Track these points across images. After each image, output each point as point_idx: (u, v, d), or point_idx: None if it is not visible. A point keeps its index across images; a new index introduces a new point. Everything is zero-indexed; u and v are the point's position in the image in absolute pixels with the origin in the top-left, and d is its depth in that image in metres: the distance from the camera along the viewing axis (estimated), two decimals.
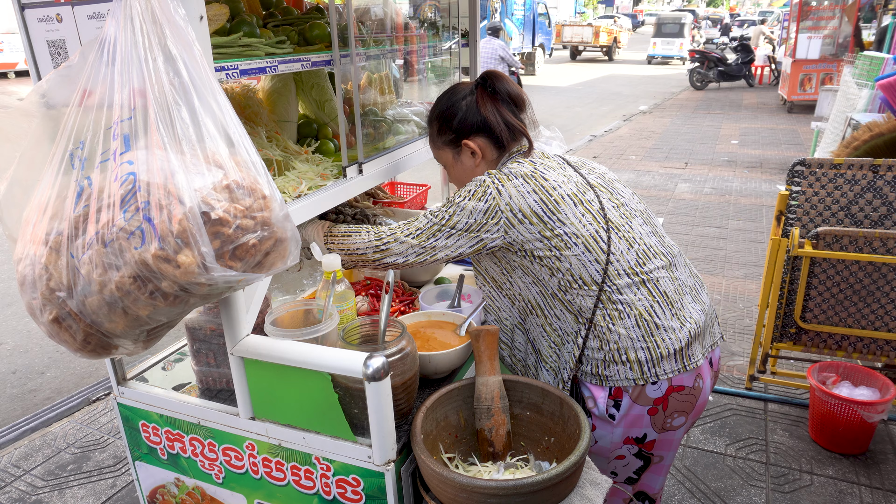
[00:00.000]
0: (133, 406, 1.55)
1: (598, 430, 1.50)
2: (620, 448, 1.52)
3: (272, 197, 1.06)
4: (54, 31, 1.24)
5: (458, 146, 1.63)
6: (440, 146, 1.68)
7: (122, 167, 0.99)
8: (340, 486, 1.34)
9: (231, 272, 1.00)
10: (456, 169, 1.67)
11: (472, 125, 1.59)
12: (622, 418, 1.46)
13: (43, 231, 1.06)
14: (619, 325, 1.43)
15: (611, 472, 1.58)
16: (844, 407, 2.72)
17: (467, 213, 1.46)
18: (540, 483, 1.15)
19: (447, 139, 1.64)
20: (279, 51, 1.49)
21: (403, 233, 1.51)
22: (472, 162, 1.63)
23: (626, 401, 1.45)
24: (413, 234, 1.50)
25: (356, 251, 1.54)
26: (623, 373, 1.43)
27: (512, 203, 1.45)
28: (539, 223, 1.44)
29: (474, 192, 1.48)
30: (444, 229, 1.48)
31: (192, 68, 1.04)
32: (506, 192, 1.45)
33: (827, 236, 2.85)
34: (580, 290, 1.46)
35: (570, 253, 1.45)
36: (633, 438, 1.50)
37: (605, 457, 1.54)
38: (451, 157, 1.66)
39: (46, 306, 1.07)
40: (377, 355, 1.21)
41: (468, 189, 1.49)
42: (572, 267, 1.45)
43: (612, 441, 1.51)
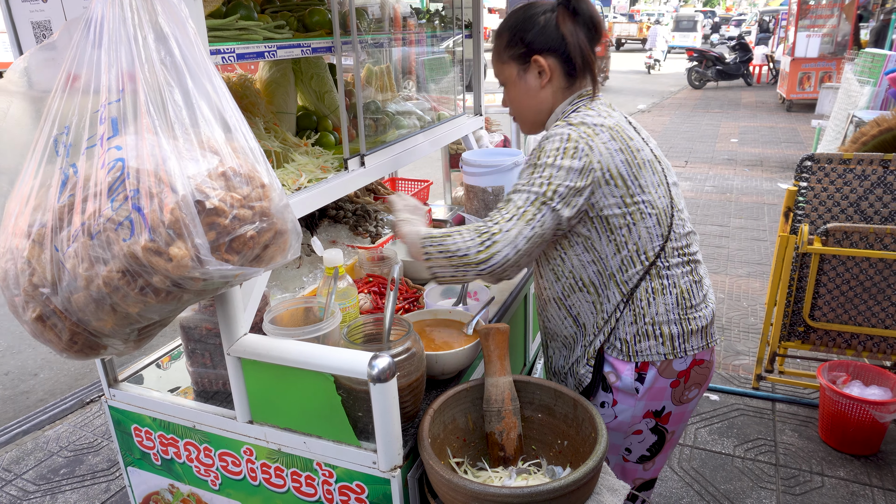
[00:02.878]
0: (125, 409, 1.48)
1: (619, 404, 1.48)
2: (640, 422, 1.51)
3: (271, 186, 0.99)
4: (39, 11, 1.16)
5: (526, 62, 1.47)
6: (506, 59, 1.51)
7: (110, 153, 0.92)
8: (343, 494, 1.27)
9: (227, 266, 0.93)
10: (517, 88, 1.52)
11: (547, 41, 1.44)
12: (646, 391, 1.46)
13: (25, 223, 0.99)
14: (659, 301, 1.43)
15: (625, 448, 1.55)
16: (855, 407, 2.66)
17: (564, 174, 1.32)
18: (556, 490, 1.08)
19: (516, 53, 1.48)
20: (278, 36, 1.42)
21: (504, 218, 1.32)
22: (536, 83, 1.48)
23: (651, 374, 1.45)
24: (516, 215, 1.32)
25: (457, 253, 1.31)
26: (654, 348, 1.43)
27: (602, 161, 1.33)
28: (623, 186, 1.36)
29: (565, 150, 1.33)
30: (550, 199, 1.31)
31: (185, 47, 0.97)
32: (597, 148, 1.33)
33: (836, 233, 2.79)
34: (636, 267, 1.41)
35: (642, 225, 1.39)
36: (653, 412, 1.50)
37: (622, 432, 1.52)
38: (515, 74, 1.50)
39: (29, 304, 1.00)
40: (383, 355, 1.14)
41: (555, 147, 1.34)
42: (640, 240, 1.39)
43: (634, 415, 1.49)
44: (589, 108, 1.44)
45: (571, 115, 1.43)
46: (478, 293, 1.77)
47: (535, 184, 1.33)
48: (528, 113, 1.54)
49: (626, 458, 1.57)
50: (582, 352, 1.50)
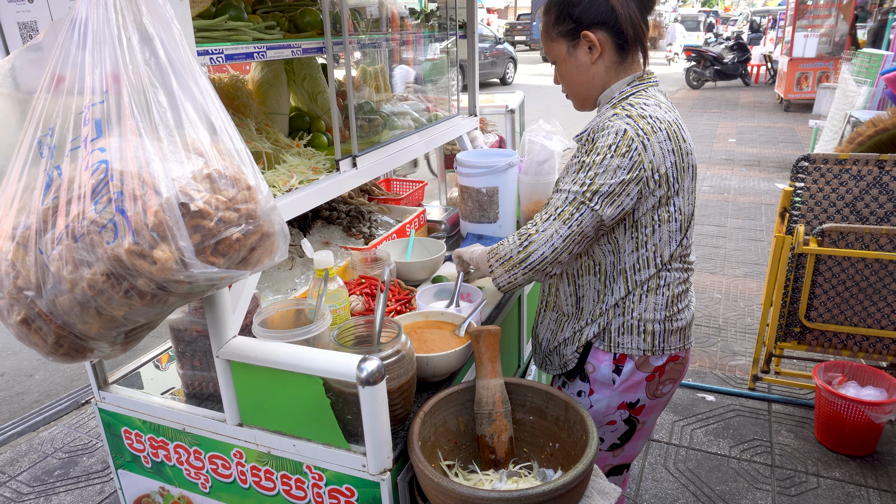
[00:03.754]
0: (115, 411, 1.47)
1: (595, 393, 1.53)
2: (614, 413, 1.54)
3: (258, 188, 0.98)
4: (25, 11, 1.15)
5: (575, 38, 1.42)
6: (555, 37, 1.46)
7: (94, 155, 0.91)
8: (333, 497, 1.26)
9: (213, 269, 0.92)
10: (567, 66, 1.47)
11: (597, 15, 1.39)
12: (622, 383, 1.49)
13: (10, 225, 0.98)
14: (650, 300, 1.45)
15: (598, 437, 1.53)
16: (851, 407, 2.66)
17: (611, 172, 1.30)
18: (546, 493, 1.08)
19: (565, 29, 1.43)
20: (268, 36, 1.41)
21: (542, 218, 1.37)
22: (587, 59, 1.43)
23: (628, 366, 1.48)
24: (553, 215, 1.35)
25: (504, 257, 1.41)
26: (635, 342, 1.46)
27: (654, 162, 1.31)
28: (664, 188, 1.35)
29: (617, 147, 1.30)
30: (588, 199, 1.31)
31: (170, 48, 0.96)
32: (650, 147, 1.30)
33: (832, 233, 2.79)
34: (649, 269, 1.42)
35: (666, 228, 1.39)
36: (627, 403, 1.53)
37: (597, 422, 1.55)
38: (565, 52, 1.45)
39: (14, 307, 0.99)
40: (372, 358, 1.13)
41: (608, 143, 1.31)
42: (660, 242, 1.40)
43: (609, 405, 1.52)
44: (647, 96, 1.40)
45: (630, 98, 1.40)
46: (470, 295, 1.77)
47: (577, 182, 1.34)
48: (580, 90, 1.49)
49: (599, 448, 1.59)
50: (571, 335, 1.53)
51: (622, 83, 1.44)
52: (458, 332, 1.50)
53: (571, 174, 1.37)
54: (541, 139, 2.34)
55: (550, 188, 2.36)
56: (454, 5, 2.42)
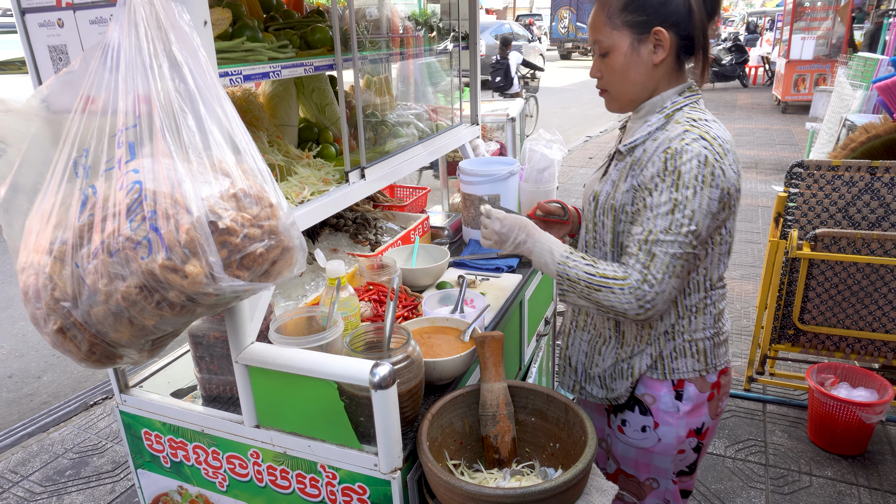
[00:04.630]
0: (135, 414, 1.54)
1: (661, 426, 1.47)
2: (684, 443, 1.48)
3: (279, 205, 1.05)
4: (55, 35, 1.22)
5: (644, 32, 1.29)
6: (618, 24, 1.31)
7: (128, 176, 0.98)
8: (346, 494, 1.33)
9: (238, 282, 0.99)
10: (625, 60, 1.32)
11: (674, 14, 1.27)
12: (687, 409, 1.45)
13: (46, 240, 1.04)
14: (698, 320, 1.42)
15: (674, 472, 1.53)
16: (843, 408, 2.73)
17: (705, 209, 1.24)
18: (547, 491, 1.15)
19: (634, 19, 1.29)
20: (282, 55, 1.48)
21: (656, 278, 1.25)
22: (650, 59, 1.31)
23: (689, 390, 1.45)
24: (668, 273, 1.26)
25: (611, 309, 1.30)
26: (690, 364, 1.44)
27: (730, 186, 1.26)
28: (728, 211, 1.30)
29: (704, 177, 1.22)
30: (695, 248, 1.26)
31: (197, 74, 1.02)
32: (727, 171, 1.24)
33: (825, 238, 2.86)
34: (698, 294, 1.39)
35: (717, 251, 1.36)
36: (694, 430, 1.48)
37: (669, 455, 1.50)
38: (627, 45, 1.31)
39: (51, 316, 1.05)
40: (383, 363, 1.20)
41: (695, 174, 1.22)
42: (711, 265, 1.37)
43: (678, 435, 1.47)
44: (703, 111, 1.32)
45: (686, 111, 1.32)
46: (474, 301, 1.83)
47: (682, 231, 1.24)
48: (630, 90, 1.37)
49: (674, 480, 1.54)
50: (614, 363, 1.48)
51: (673, 92, 1.36)
52: (463, 338, 1.56)
53: (665, 212, 1.25)
54: (541, 148, 2.41)
55: (550, 195, 2.43)
56: (457, 17, 2.48)
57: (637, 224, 1.31)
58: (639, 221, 1.31)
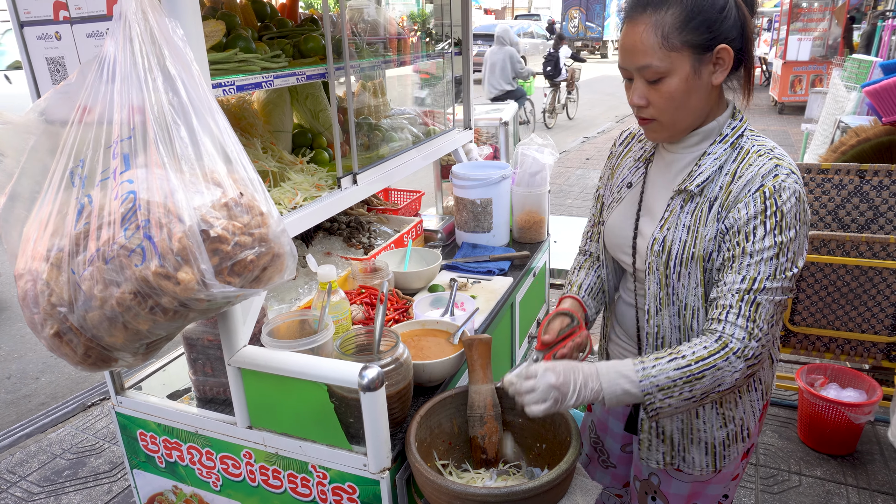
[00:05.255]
0: (131, 415, 1.57)
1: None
2: (738, 467, 1.41)
3: (269, 213, 1.08)
4: (53, 48, 1.25)
5: (706, 52, 1.13)
6: (677, 45, 1.12)
7: (123, 186, 1.01)
8: (336, 494, 1.36)
9: (230, 288, 1.02)
10: (684, 86, 1.15)
11: (732, 29, 1.13)
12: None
13: (44, 247, 1.08)
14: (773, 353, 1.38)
15: (723, 495, 1.44)
16: (832, 409, 2.76)
17: (803, 247, 1.16)
18: (531, 490, 1.18)
19: (696, 39, 1.12)
20: (274, 65, 1.51)
21: (762, 329, 1.13)
22: (709, 82, 1.16)
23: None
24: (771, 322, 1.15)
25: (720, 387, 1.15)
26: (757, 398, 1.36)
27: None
28: None
29: (800, 215, 1.13)
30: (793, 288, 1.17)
31: (190, 88, 1.06)
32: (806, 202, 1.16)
33: (815, 240, 2.90)
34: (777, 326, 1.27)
35: None
36: (746, 451, 1.40)
37: (724, 483, 1.41)
38: (689, 68, 1.13)
39: (47, 321, 1.09)
40: (372, 366, 1.23)
41: (794, 212, 1.12)
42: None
43: (736, 462, 1.39)
44: (764, 137, 1.22)
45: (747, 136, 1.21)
46: (464, 304, 1.87)
47: (788, 275, 1.14)
48: (688, 118, 1.20)
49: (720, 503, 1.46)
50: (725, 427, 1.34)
51: (726, 116, 1.23)
52: (453, 340, 1.60)
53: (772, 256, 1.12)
54: (533, 152, 2.45)
55: (542, 199, 2.47)
56: (450, 23, 2.52)
57: (732, 272, 1.15)
58: (734, 269, 1.15)
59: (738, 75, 1.22)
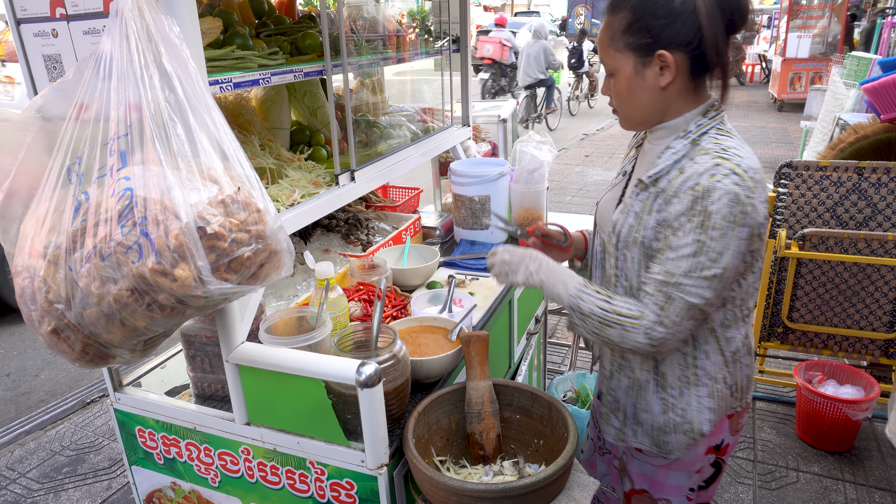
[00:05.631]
0: (129, 412, 1.58)
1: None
2: (702, 460, 1.46)
3: (266, 210, 1.08)
4: (50, 45, 1.25)
5: (648, 55, 1.22)
6: (621, 47, 1.24)
7: (119, 183, 1.01)
8: (334, 490, 1.37)
9: (227, 285, 1.03)
10: (629, 84, 1.26)
11: (679, 35, 1.19)
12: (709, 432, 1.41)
13: (41, 244, 1.08)
14: (744, 362, 1.39)
15: (689, 488, 1.50)
16: (830, 405, 2.77)
17: (733, 251, 1.17)
18: (529, 486, 1.18)
19: (637, 42, 1.22)
20: (272, 62, 1.51)
21: (672, 320, 1.21)
22: (656, 81, 1.24)
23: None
24: (685, 316, 1.22)
25: (620, 343, 1.26)
26: (728, 403, 1.40)
27: (760, 221, 1.19)
28: (758, 242, 1.23)
29: (734, 217, 1.15)
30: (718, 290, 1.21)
31: (186, 85, 1.06)
32: (758, 206, 1.17)
33: (813, 237, 2.90)
34: (738, 326, 1.34)
35: (751, 279, 1.31)
36: (713, 447, 1.45)
37: (686, 472, 1.48)
38: (631, 68, 1.24)
39: (45, 318, 1.09)
40: (370, 362, 1.24)
41: (725, 213, 1.15)
42: (745, 295, 1.31)
43: (696, 454, 1.44)
44: (730, 134, 1.25)
45: (713, 135, 1.24)
46: (462, 300, 1.87)
47: (705, 274, 1.18)
48: (638, 113, 1.31)
49: (689, 498, 1.51)
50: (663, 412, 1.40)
51: (695, 113, 1.28)
52: (451, 337, 1.60)
53: (687, 255, 1.18)
54: (531, 149, 2.45)
55: (540, 196, 2.47)
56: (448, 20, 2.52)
57: (657, 263, 1.24)
58: (659, 260, 1.24)
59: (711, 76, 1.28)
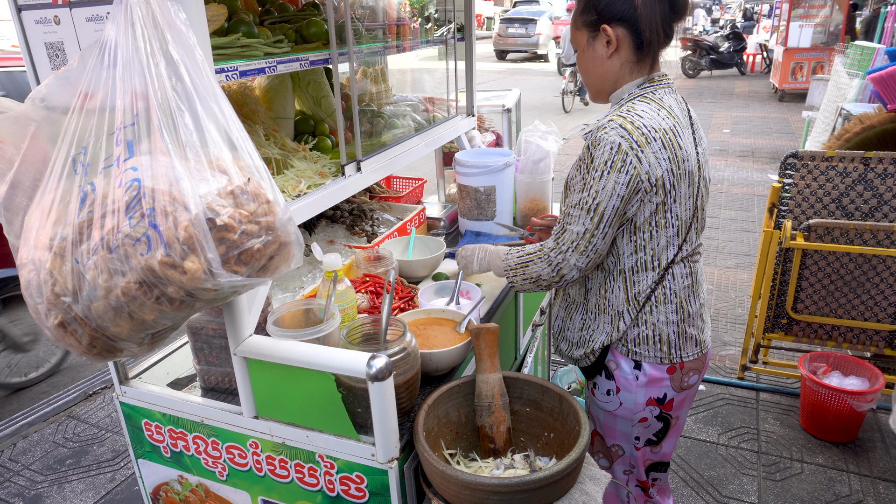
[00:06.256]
0: (136, 405, 1.56)
1: (621, 391, 1.59)
2: (643, 410, 1.59)
3: (276, 201, 1.07)
4: (52, 33, 1.23)
5: (595, 30, 1.46)
6: (579, 26, 1.50)
7: (126, 173, 0.99)
8: (344, 484, 1.36)
9: (236, 277, 1.01)
10: (585, 55, 1.51)
11: (619, 11, 1.42)
12: (645, 380, 1.56)
13: (47, 236, 1.06)
14: (660, 310, 1.52)
15: (634, 437, 1.65)
16: (834, 396, 2.77)
17: (609, 191, 1.38)
18: (542, 480, 1.17)
19: (588, 19, 1.47)
20: (277, 50, 1.48)
21: (565, 248, 1.46)
22: (604, 52, 1.47)
23: (647, 365, 1.55)
24: (571, 248, 1.45)
25: (536, 278, 1.53)
26: (652, 351, 1.54)
27: (650, 172, 1.38)
28: (661, 195, 1.41)
29: (613, 162, 1.37)
30: (597, 228, 1.41)
31: (193, 73, 1.03)
32: (645, 159, 1.37)
33: (818, 228, 2.89)
34: (647, 273, 1.49)
35: (664, 234, 1.46)
36: (655, 399, 1.58)
37: (628, 419, 1.62)
38: (585, 42, 1.50)
39: (52, 311, 1.07)
40: (380, 355, 1.22)
41: (605, 159, 1.37)
42: (658, 247, 1.47)
43: (636, 402, 1.58)
44: (649, 101, 1.44)
45: (636, 101, 1.44)
46: (470, 292, 1.85)
47: (586, 207, 1.41)
48: (594, 81, 1.54)
49: (636, 447, 1.67)
50: (579, 330, 1.61)
51: (633, 84, 1.49)
52: (459, 329, 1.59)
53: (577, 194, 1.43)
54: (536, 139, 2.42)
55: (546, 187, 2.45)
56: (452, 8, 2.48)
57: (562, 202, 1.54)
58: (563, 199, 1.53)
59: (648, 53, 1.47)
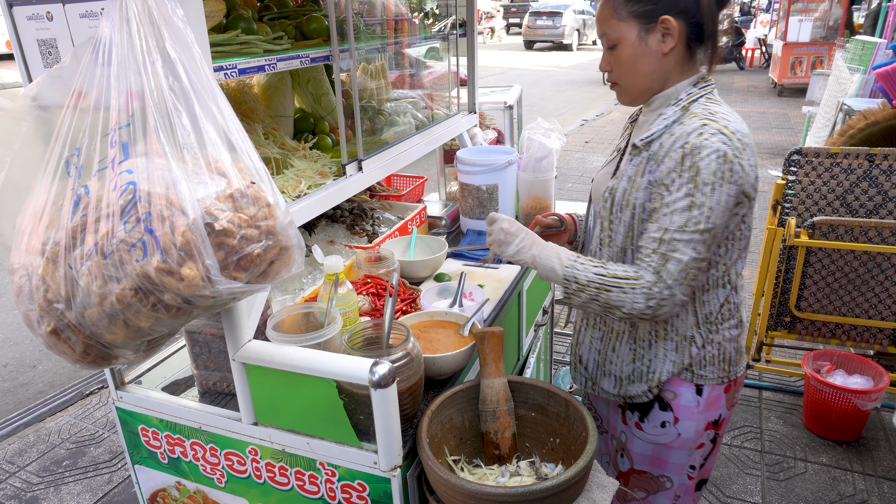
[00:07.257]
0: (132, 410, 1.53)
1: (681, 421, 1.47)
2: (702, 436, 1.50)
3: (276, 204, 1.03)
4: (45, 29, 1.19)
5: (651, 22, 1.28)
6: (624, 16, 1.30)
7: (122, 176, 0.96)
8: (346, 492, 1.33)
9: (236, 283, 0.97)
10: (634, 51, 1.31)
11: (680, 1, 1.27)
12: (706, 404, 1.46)
13: (39, 241, 1.03)
14: (724, 327, 1.42)
15: (689, 465, 1.53)
16: (838, 395, 2.74)
17: (723, 206, 1.23)
18: (549, 489, 1.14)
19: (640, 9, 1.28)
20: (277, 47, 1.45)
21: (672, 279, 1.25)
22: (658, 48, 1.30)
23: (708, 388, 1.45)
24: (678, 280, 1.25)
25: (619, 307, 1.29)
26: (716, 372, 1.44)
27: (749, 182, 1.25)
28: (748, 205, 1.29)
29: (723, 173, 1.21)
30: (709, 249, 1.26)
31: (191, 72, 1.00)
32: (746, 167, 1.24)
33: (823, 226, 2.86)
34: (718, 291, 1.38)
35: (737, 246, 1.35)
36: (712, 422, 1.49)
37: (688, 449, 1.51)
38: (635, 36, 1.30)
39: (44, 318, 1.04)
40: (383, 362, 1.19)
41: (713, 169, 1.21)
42: (730, 262, 1.36)
43: (697, 430, 1.48)
44: (719, 102, 1.32)
45: (703, 102, 1.31)
46: (473, 294, 1.82)
47: (699, 228, 1.23)
48: (641, 81, 1.35)
49: (690, 476, 1.55)
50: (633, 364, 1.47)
51: (687, 83, 1.34)
52: (463, 332, 1.56)
53: (683, 209, 1.23)
54: (539, 137, 2.39)
55: (549, 185, 2.41)
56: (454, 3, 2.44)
57: (653, 222, 1.29)
58: (654, 219, 1.29)
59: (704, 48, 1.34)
